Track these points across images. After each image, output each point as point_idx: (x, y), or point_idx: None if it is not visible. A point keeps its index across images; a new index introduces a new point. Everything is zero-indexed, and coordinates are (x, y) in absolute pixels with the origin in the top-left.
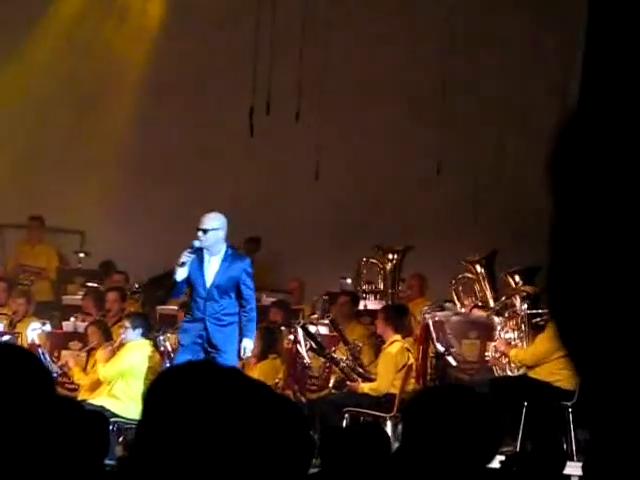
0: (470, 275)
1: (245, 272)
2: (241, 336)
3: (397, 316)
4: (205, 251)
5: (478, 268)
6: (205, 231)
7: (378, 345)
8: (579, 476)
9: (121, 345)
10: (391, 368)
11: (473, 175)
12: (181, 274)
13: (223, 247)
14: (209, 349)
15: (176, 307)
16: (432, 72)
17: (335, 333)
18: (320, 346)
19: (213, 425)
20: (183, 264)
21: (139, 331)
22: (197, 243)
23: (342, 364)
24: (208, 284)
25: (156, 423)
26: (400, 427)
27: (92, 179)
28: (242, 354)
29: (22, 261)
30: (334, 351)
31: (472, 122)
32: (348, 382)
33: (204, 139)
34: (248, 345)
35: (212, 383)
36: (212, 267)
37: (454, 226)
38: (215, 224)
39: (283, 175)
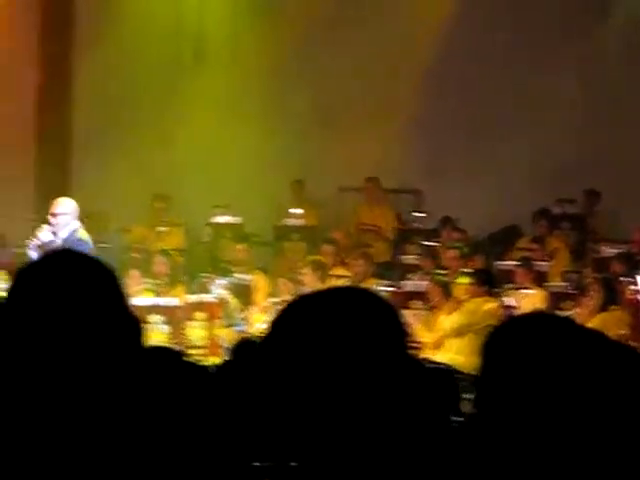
0: None
1: None
2: None
3: None
4: None
5: None
6: None
7: None
8: None
9: (463, 301)
10: None
11: None
12: None
13: None
14: None
15: (515, 262)
16: None
17: None
18: None
19: (553, 377)
20: None
21: (485, 287)
22: None
23: None
24: None
25: (492, 377)
26: None
27: (421, 138)
28: None
29: (361, 223)
30: None
31: None
32: None
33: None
34: None
35: (547, 334)
36: None
37: None
38: None
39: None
